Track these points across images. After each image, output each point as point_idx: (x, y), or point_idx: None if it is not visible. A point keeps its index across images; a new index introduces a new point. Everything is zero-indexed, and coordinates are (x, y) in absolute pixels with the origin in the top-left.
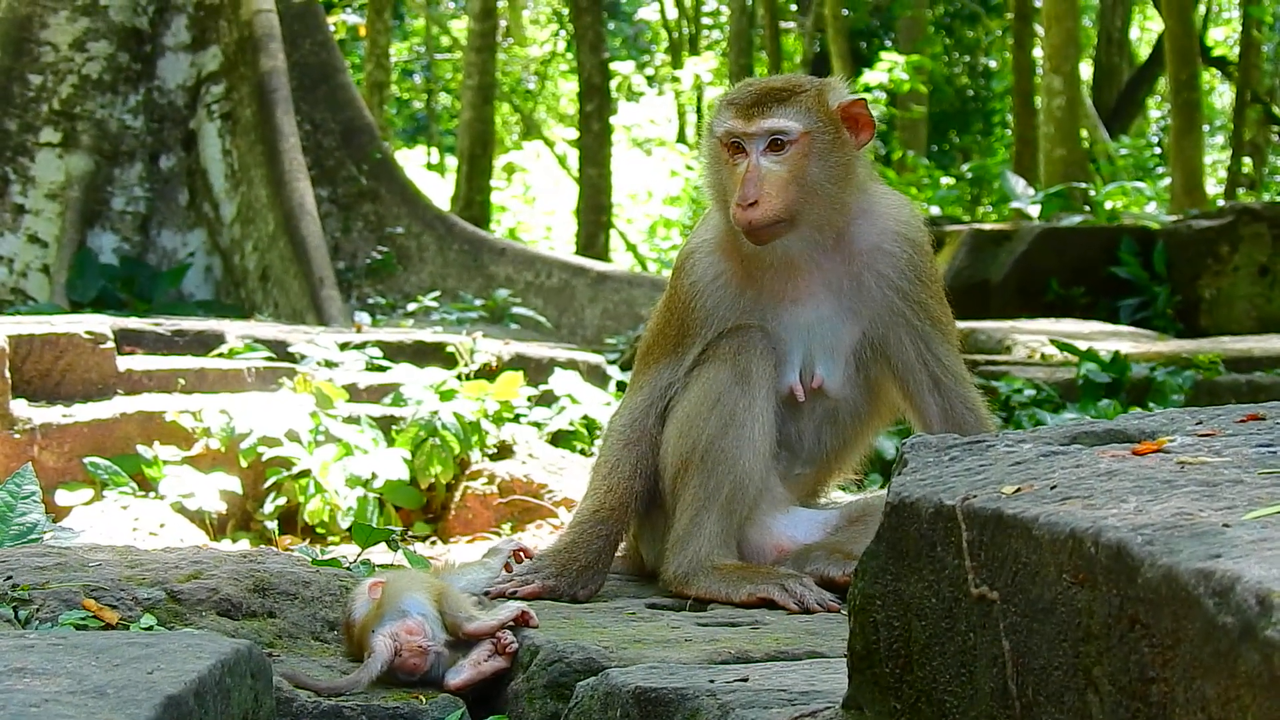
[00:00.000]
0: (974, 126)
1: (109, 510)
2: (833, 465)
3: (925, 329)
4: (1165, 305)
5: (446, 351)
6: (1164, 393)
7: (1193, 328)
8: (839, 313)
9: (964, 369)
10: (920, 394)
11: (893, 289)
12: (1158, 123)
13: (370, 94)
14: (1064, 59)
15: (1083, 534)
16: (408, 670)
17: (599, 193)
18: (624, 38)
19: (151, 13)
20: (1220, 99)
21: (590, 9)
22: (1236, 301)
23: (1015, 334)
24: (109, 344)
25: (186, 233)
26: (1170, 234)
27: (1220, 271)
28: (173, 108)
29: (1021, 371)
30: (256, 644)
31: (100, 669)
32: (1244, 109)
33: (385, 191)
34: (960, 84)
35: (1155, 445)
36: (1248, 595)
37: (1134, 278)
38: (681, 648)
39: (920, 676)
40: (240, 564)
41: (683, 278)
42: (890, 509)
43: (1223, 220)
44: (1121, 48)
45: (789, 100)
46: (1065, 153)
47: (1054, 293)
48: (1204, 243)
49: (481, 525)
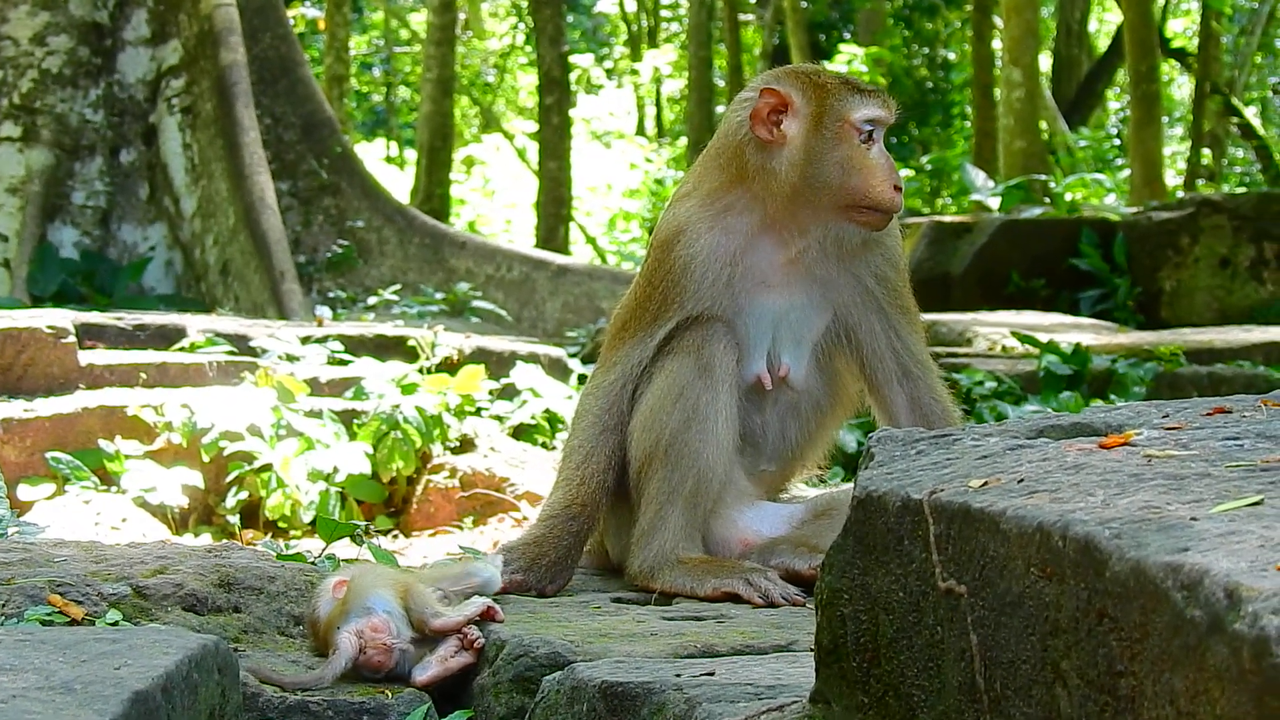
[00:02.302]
0: (933, 118)
1: (71, 505)
2: (796, 459)
3: (896, 317)
4: (1126, 297)
5: (408, 345)
6: (1125, 385)
7: (1153, 320)
8: (812, 299)
9: (931, 360)
10: (889, 383)
11: (872, 275)
12: (1117, 114)
13: (330, 87)
14: (1023, 51)
15: (1050, 527)
16: (373, 667)
17: (559, 186)
18: (583, 30)
19: (111, 7)
20: (1179, 90)
21: (549, 2)
22: (1197, 293)
23: (976, 326)
24: (70, 338)
25: (147, 227)
26: (1130, 226)
27: (1181, 263)
28: (133, 102)
29: (983, 364)
30: (223, 639)
31: (67, 665)
32: (1203, 100)
33: (346, 185)
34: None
35: (1122, 439)
36: (1216, 588)
37: (1095, 270)
38: (647, 641)
39: (888, 670)
40: (205, 559)
41: (675, 251)
42: (857, 503)
43: (1183, 212)
44: (1081, 39)
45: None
46: (1025, 145)
47: (1015, 285)
48: (1164, 234)
49: (443, 519)
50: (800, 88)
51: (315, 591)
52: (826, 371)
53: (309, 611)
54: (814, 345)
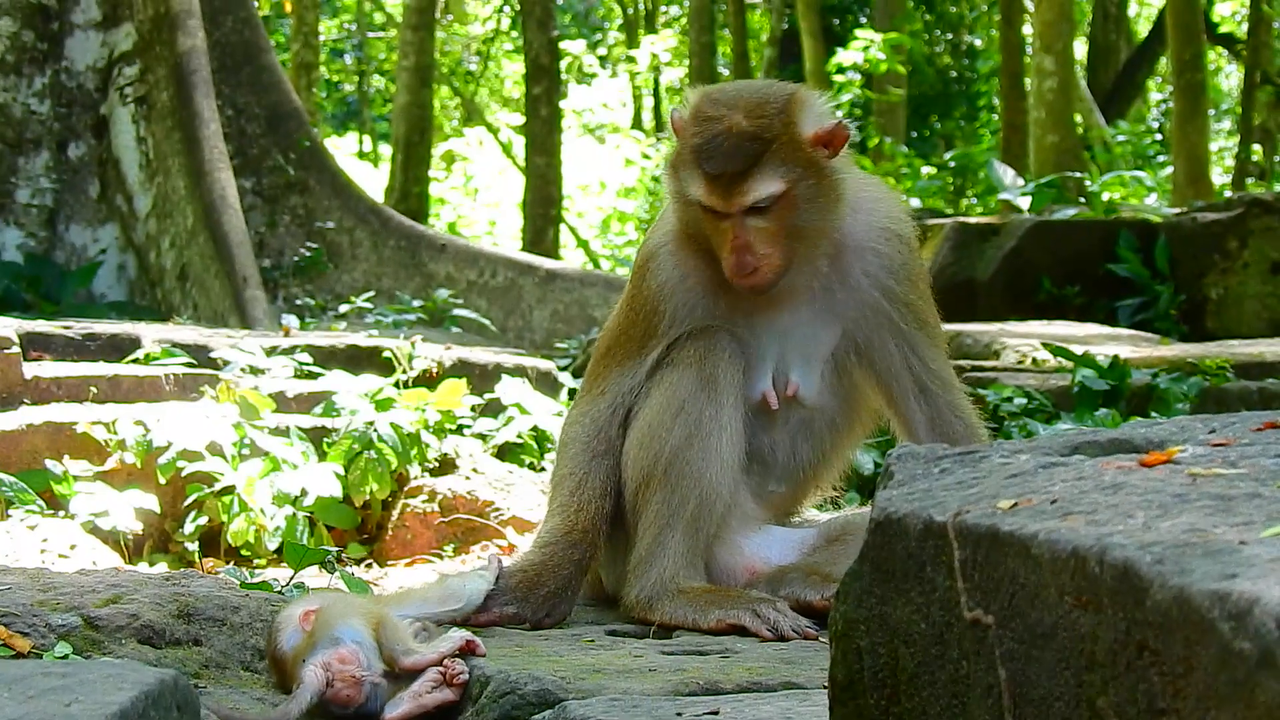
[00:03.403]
0: (957, 111)
1: (15, 530)
2: (809, 481)
3: (911, 332)
4: (1168, 306)
5: (383, 357)
6: (1167, 401)
7: (1198, 330)
8: (817, 315)
9: (952, 374)
10: (905, 400)
11: (878, 289)
12: (1159, 106)
13: (297, 76)
14: (1056, 37)
15: (1086, 552)
16: (340, 702)
17: (547, 183)
18: (574, 14)
19: None
20: (1227, 80)
21: None
22: (1246, 301)
23: (1004, 337)
24: (14, 349)
25: (97, 227)
26: (1173, 228)
27: (1228, 269)
28: (82, 91)
29: (1011, 378)
30: (182, 674)
31: (13, 702)
32: (1253, 91)
33: (314, 182)
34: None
35: (1164, 456)
36: (1266, 619)
37: (1134, 276)
38: (645, 678)
39: (908, 708)
40: (163, 587)
41: (648, 279)
42: (875, 525)
43: (1230, 213)
44: (1119, 24)
45: (763, 158)
46: (1058, 139)
47: (1046, 292)
48: (1210, 237)
49: (421, 546)
50: (677, 125)
51: (276, 622)
52: (842, 387)
53: (269, 645)
54: (824, 361)
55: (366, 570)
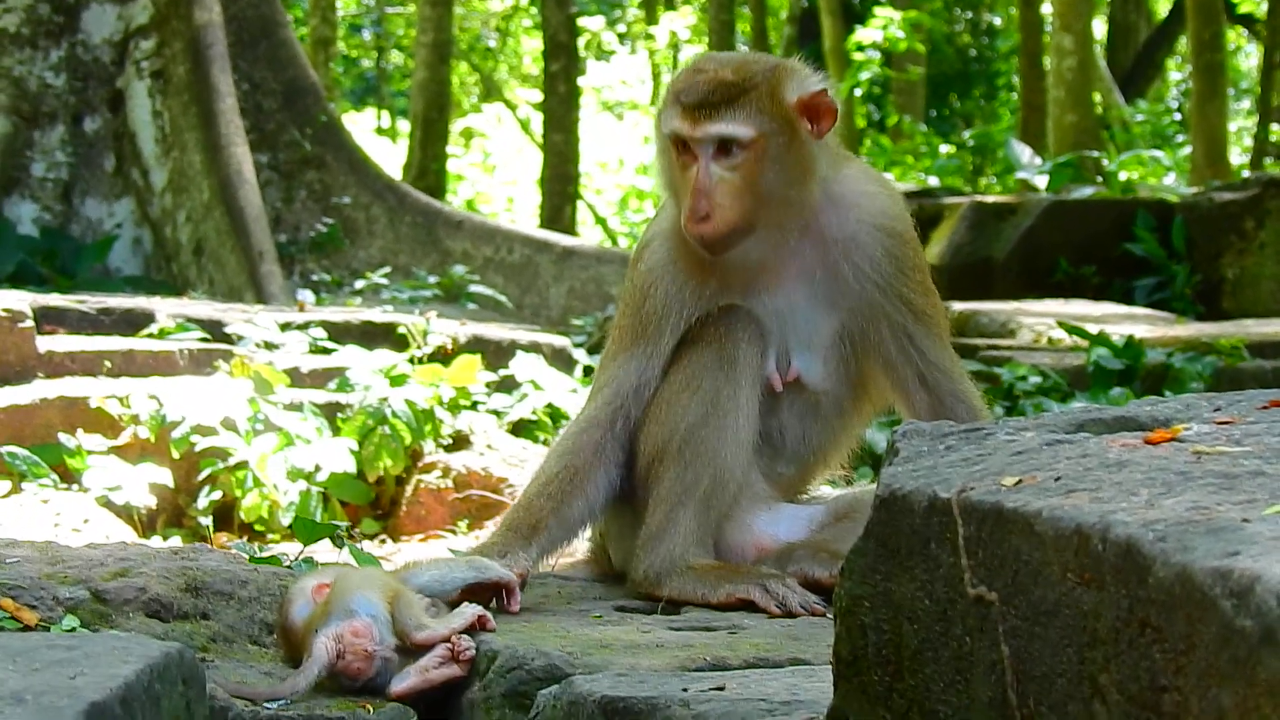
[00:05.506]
0: (976, 90)
1: (28, 504)
2: (817, 461)
3: (908, 324)
4: (1184, 285)
5: (398, 333)
6: (1182, 381)
7: (1214, 310)
8: (813, 302)
9: (953, 362)
10: (906, 387)
11: (870, 283)
12: (1178, 86)
13: (315, 51)
14: (1076, 16)
15: (1089, 530)
16: (350, 675)
17: (565, 161)
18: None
19: None
20: (1247, 60)
21: None
22: (1262, 281)
23: (1020, 316)
24: (28, 323)
25: (113, 202)
26: (1190, 208)
27: (1245, 249)
28: (98, 65)
29: (1026, 357)
30: (189, 648)
31: (18, 674)
32: (1272, 71)
33: (331, 158)
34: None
35: (1169, 434)
36: (1268, 596)
37: (1150, 255)
38: (652, 654)
39: (912, 684)
40: (171, 561)
41: (639, 266)
42: (880, 502)
43: (1248, 193)
44: (1138, 4)
45: (739, 100)
46: (1076, 119)
47: (1063, 271)
48: (1227, 217)
49: (435, 522)
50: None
51: (288, 594)
52: (848, 371)
53: (278, 616)
54: (828, 348)
55: (380, 545)
